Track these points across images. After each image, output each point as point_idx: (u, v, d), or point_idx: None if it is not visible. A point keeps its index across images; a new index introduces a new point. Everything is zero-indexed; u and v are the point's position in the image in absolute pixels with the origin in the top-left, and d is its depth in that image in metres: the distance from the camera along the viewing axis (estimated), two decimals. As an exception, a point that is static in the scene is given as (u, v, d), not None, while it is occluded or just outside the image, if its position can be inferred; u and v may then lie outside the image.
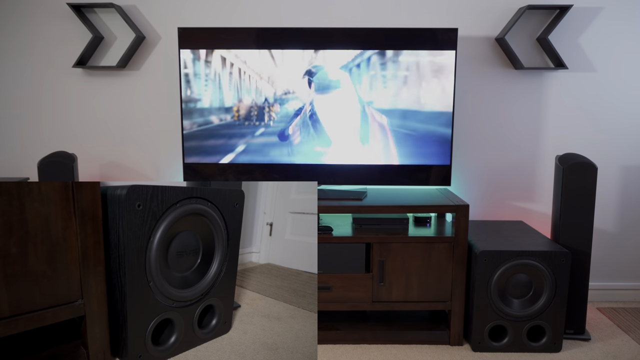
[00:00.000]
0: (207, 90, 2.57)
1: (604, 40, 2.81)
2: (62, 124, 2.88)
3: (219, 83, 2.56)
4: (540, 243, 2.45)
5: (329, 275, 2.44)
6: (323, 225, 2.52)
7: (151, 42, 2.81)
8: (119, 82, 2.84)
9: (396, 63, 2.54)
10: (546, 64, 2.82)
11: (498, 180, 2.93)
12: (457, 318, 2.45)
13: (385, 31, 2.54)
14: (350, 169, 2.63)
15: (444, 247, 2.42)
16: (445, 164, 2.61)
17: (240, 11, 2.78)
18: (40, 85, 2.85)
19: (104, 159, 2.92)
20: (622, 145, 2.90)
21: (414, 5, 2.78)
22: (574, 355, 2.39)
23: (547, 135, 2.89)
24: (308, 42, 2.54)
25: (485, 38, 2.81)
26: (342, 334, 2.50)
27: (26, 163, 2.90)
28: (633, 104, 2.86)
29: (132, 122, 2.88)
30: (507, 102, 2.87)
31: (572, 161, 2.46)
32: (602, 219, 2.96)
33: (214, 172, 2.65)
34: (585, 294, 2.52)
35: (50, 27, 2.80)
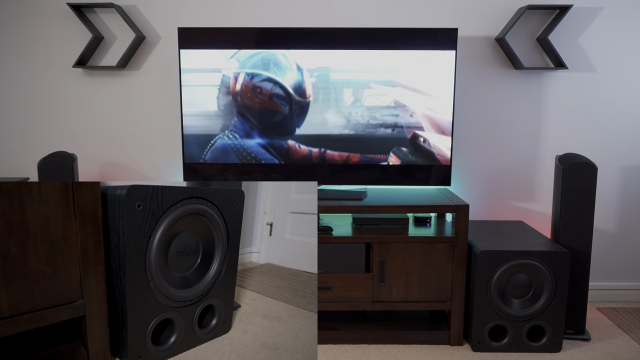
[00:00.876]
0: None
1: (603, 40, 2.81)
2: (62, 124, 2.88)
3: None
4: (540, 243, 2.45)
5: (329, 275, 2.44)
6: (323, 225, 2.52)
7: (151, 42, 2.81)
8: (119, 82, 2.84)
9: (395, 63, 2.54)
10: (546, 64, 2.82)
11: (498, 180, 2.93)
12: (457, 318, 2.45)
13: (385, 31, 2.54)
14: (350, 169, 2.63)
15: (444, 247, 2.42)
16: (445, 164, 2.61)
17: (240, 11, 2.78)
18: (40, 85, 2.85)
19: (104, 159, 2.92)
20: (622, 145, 2.90)
21: (414, 5, 2.78)
22: (574, 355, 2.39)
23: (547, 135, 2.89)
24: (308, 42, 2.54)
25: (485, 38, 2.81)
26: (342, 334, 2.50)
27: (26, 163, 2.90)
28: (633, 103, 2.86)
29: (132, 122, 2.88)
30: (507, 102, 2.87)
31: (572, 161, 2.46)
32: (602, 219, 2.96)
33: (214, 172, 2.65)
34: (585, 294, 2.52)
35: (50, 27, 2.80)
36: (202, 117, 2.61)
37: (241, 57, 2.56)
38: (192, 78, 2.58)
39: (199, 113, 2.61)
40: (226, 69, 2.57)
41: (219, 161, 2.63)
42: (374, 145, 2.61)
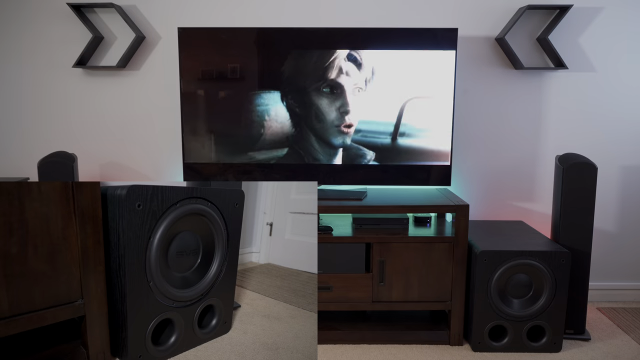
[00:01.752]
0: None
1: (604, 40, 2.81)
2: (62, 124, 2.88)
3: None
4: (540, 243, 2.45)
5: (329, 275, 2.44)
6: (323, 225, 2.52)
7: (151, 42, 2.81)
8: (119, 82, 2.85)
9: (395, 63, 2.54)
10: (546, 64, 2.82)
11: (498, 180, 2.93)
12: (457, 318, 2.45)
13: (385, 31, 2.54)
14: (350, 169, 2.63)
15: (444, 247, 2.42)
16: (445, 164, 2.61)
17: (240, 11, 2.78)
18: (40, 85, 2.85)
19: (104, 159, 2.92)
20: (622, 145, 2.90)
21: (414, 5, 2.78)
22: (574, 355, 2.39)
23: (547, 135, 2.89)
24: (308, 42, 2.54)
25: (485, 38, 2.81)
26: (342, 334, 2.50)
27: (26, 163, 2.90)
28: (633, 103, 2.86)
29: (132, 122, 2.88)
30: (507, 102, 2.87)
31: (572, 161, 2.46)
32: (602, 219, 2.96)
33: (214, 172, 2.65)
34: (585, 294, 2.52)
35: (50, 27, 2.80)
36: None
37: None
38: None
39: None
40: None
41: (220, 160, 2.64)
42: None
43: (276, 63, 2.56)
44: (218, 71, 2.57)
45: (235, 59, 2.56)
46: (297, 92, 2.57)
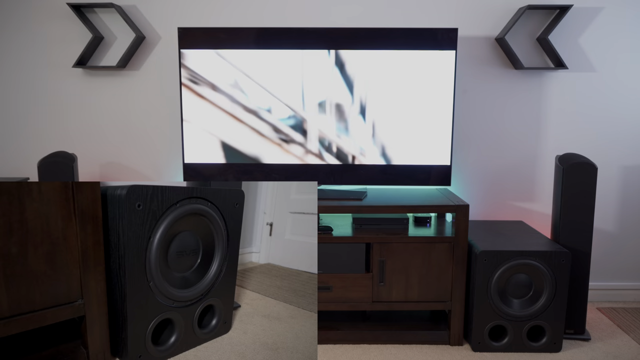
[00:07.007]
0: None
1: (603, 40, 2.81)
2: (62, 124, 2.88)
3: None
4: (540, 243, 2.45)
5: (329, 275, 2.44)
6: (323, 225, 2.52)
7: (151, 42, 2.81)
8: (119, 82, 2.85)
9: (395, 63, 2.54)
10: (546, 64, 2.82)
11: (498, 180, 2.93)
12: (457, 318, 2.45)
13: (385, 31, 2.54)
14: (350, 169, 2.63)
15: (444, 247, 2.42)
16: (445, 164, 2.61)
17: (240, 11, 2.78)
18: (40, 85, 2.85)
19: (104, 159, 2.92)
20: (622, 145, 2.90)
21: (414, 5, 2.78)
22: (574, 355, 2.39)
23: (547, 135, 2.89)
24: (308, 42, 2.54)
25: (485, 38, 2.81)
26: (342, 334, 2.50)
27: (26, 163, 2.90)
28: (633, 104, 2.86)
29: (132, 122, 2.88)
30: (507, 102, 2.87)
31: (572, 161, 2.46)
32: (602, 219, 2.96)
33: (214, 172, 2.65)
34: (585, 294, 2.52)
35: (50, 27, 2.80)
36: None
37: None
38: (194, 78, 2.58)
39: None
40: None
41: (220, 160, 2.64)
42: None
43: (276, 63, 2.56)
44: (218, 71, 2.57)
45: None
46: (297, 92, 2.57)
